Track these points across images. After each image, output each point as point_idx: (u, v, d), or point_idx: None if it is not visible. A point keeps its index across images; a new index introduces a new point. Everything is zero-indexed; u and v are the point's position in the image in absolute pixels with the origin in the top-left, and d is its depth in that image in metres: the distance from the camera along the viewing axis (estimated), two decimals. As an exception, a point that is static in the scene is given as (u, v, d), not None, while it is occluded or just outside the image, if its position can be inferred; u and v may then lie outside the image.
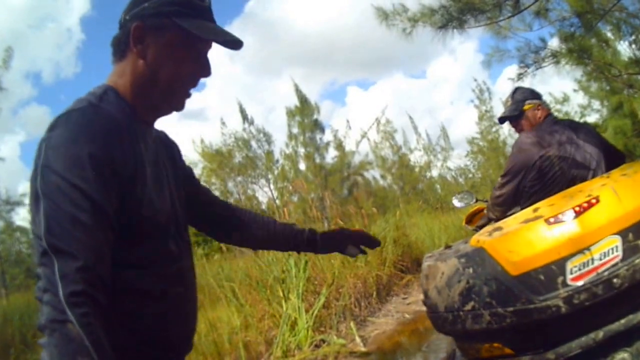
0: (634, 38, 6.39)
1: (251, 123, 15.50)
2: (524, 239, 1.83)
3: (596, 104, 11.29)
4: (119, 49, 1.06)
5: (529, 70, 5.19)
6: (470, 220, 3.06)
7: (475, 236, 2.02)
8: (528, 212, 1.96)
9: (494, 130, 15.15)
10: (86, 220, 0.86)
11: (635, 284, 1.69)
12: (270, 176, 15.51)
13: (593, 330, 1.74)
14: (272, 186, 15.33)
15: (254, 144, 15.55)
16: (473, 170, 16.19)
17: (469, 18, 4.38)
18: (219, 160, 15.78)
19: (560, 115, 10.60)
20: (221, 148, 15.89)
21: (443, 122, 17.28)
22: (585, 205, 1.79)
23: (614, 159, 2.38)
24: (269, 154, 15.46)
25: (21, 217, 14.54)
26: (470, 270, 1.89)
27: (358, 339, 4.47)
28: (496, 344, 1.89)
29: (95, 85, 1.05)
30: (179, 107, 1.10)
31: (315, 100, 17.53)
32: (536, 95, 2.66)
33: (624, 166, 2.19)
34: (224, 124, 15.83)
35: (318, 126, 15.13)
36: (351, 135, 16.34)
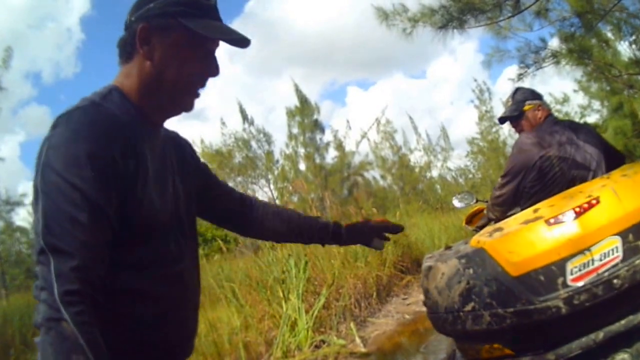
0: (634, 38, 6.40)
1: (251, 123, 15.49)
2: (524, 239, 1.83)
3: (596, 105, 11.29)
4: (125, 50, 1.05)
5: (529, 71, 5.20)
6: (470, 220, 3.06)
7: (475, 237, 2.02)
8: (528, 213, 1.96)
9: (494, 130, 15.15)
10: (84, 220, 0.86)
11: (635, 284, 1.69)
12: (270, 176, 15.51)
13: (593, 331, 1.74)
14: (272, 186, 15.32)
15: (254, 144, 15.55)
16: (473, 171, 16.18)
17: (469, 18, 4.38)
18: (219, 161, 15.76)
19: (560, 116, 10.60)
20: (221, 148, 15.88)
21: (443, 123, 17.27)
22: (586, 206, 1.79)
23: (614, 160, 2.38)
24: (269, 154, 15.45)
25: (21, 218, 14.57)
26: (471, 271, 1.89)
27: (358, 340, 4.47)
28: (496, 345, 1.89)
29: (94, 85, 1.06)
30: (187, 108, 1.09)
31: (315, 101, 17.56)
32: (537, 96, 2.66)
33: (624, 167, 2.19)
34: (224, 124, 15.83)
35: (318, 126, 15.13)
36: (351, 136, 16.36)
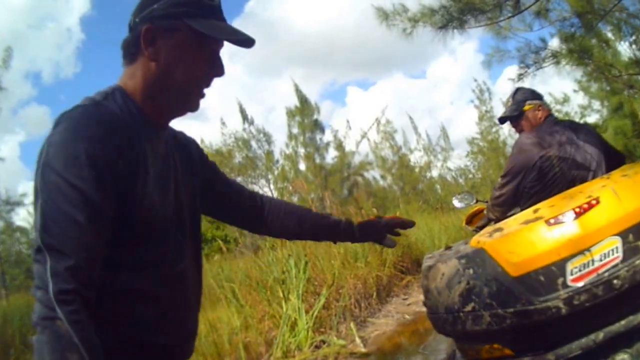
0: (634, 38, 6.39)
1: (251, 123, 15.48)
2: (524, 240, 1.83)
3: (596, 105, 11.28)
4: (129, 51, 1.05)
5: (529, 71, 5.19)
6: (470, 220, 3.05)
7: (475, 237, 2.02)
8: (528, 213, 1.96)
9: (494, 130, 15.15)
10: (82, 219, 0.86)
11: (635, 285, 1.69)
12: (270, 176, 15.50)
13: (593, 331, 1.73)
14: (272, 186, 15.30)
15: (254, 144, 15.54)
16: (473, 171, 16.18)
17: (469, 18, 4.38)
18: (219, 161, 15.74)
19: (560, 116, 10.59)
20: (221, 148, 15.87)
21: (443, 123, 17.25)
22: (586, 206, 1.79)
23: (614, 160, 2.38)
24: (269, 154, 15.44)
25: (21, 218, 14.56)
26: (471, 271, 1.89)
27: (358, 340, 4.46)
28: (496, 345, 1.89)
29: (94, 85, 1.06)
30: (193, 108, 1.09)
31: (315, 101, 17.54)
32: (537, 96, 2.66)
33: (624, 167, 2.19)
34: (224, 124, 15.82)
35: (318, 126, 15.13)
36: (351, 136, 16.32)
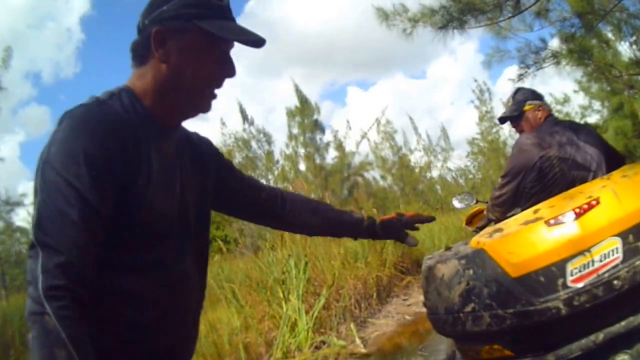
0: (634, 39, 6.39)
1: (251, 123, 15.46)
2: (524, 240, 1.83)
3: (597, 105, 11.27)
4: (138, 53, 1.04)
5: (529, 71, 5.17)
6: (470, 221, 3.05)
7: (475, 237, 2.02)
8: (528, 214, 1.96)
9: (494, 131, 15.13)
10: (76, 217, 0.86)
11: (635, 285, 1.68)
12: (270, 177, 15.47)
13: (593, 332, 1.73)
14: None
15: (254, 144, 15.52)
16: (473, 171, 16.17)
17: (469, 18, 4.37)
18: (219, 161, 15.70)
19: (560, 116, 10.59)
20: (221, 148, 15.69)
21: (443, 123, 17.19)
22: (586, 206, 1.79)
23: (614, 161, 2.38)
24: (269, 154, 15.43)
25: (21, 218, 14.49)
26: (471, 271, 1.88)
27: (358, 341, 4.46)
28: (496, 346, 1.89)
29: (94, 85, 1.06)
30: (205, 109, 1.08)
31: (315, 101, 17.52)
32: (537, 96, 2.66)
33: (624, 167, 2.18)
34: (224, 124, 15.78)
35: (318, 126, 15.10)
36: (351, 136, 16.28)
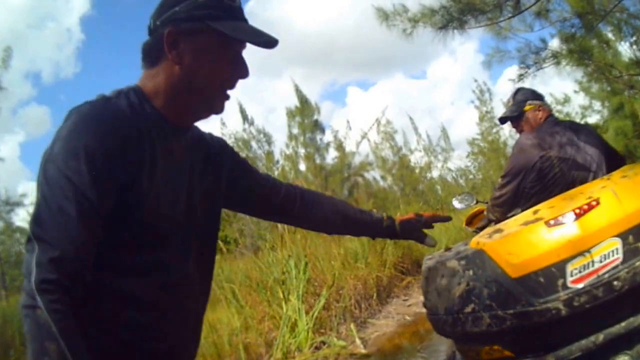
0: (635, 39, 6.38)
1: (251, 123, 15.43)
2: (524, 241, 1.83)
3: (597, 105, 11.24)
4: (150, 55, 1.04)
5: (529, 71, 5.16)
6: (470, 221, 3.05)
7: (475, 238, 2.01)
8: (528, 214, 1.96)
9: (494, 131, 15.11)
10: (73, 213, 0.86)
11: (635, 286, 1.68)
12: (270, 177, 15.45)
13: (593, 333, 1.73)
14: (273, 187, 15.23)
15: (254, 144, 15.49)
16: (474, 172, 16.15)
17: (469, 19, 4.36)
18: (219, 161, 15.68)
19: (561, 116, 10.58)
20: (221, 149, 15.82)
21: (443, 123, 17.20)
22: (586, 207, 1.78)
23: (614, 161, 2.37)
24: (269, 154, 15.41)
25: (21, 218, 14.47)
26: (470, 272, 1.88)
27: (358, 341, 4.46)
28: (496, 347, 1.89)
29: (94, 85, 1.06)
30: (218, 110, 1.08)
31: (315, 101, 17.48)
32: (537, 96, 2.65)
33: (624, 168, 2.18)
34: (224, 124, 15.74)
35: (318, 127, 15.09)
36: (351, 136, 16.28)
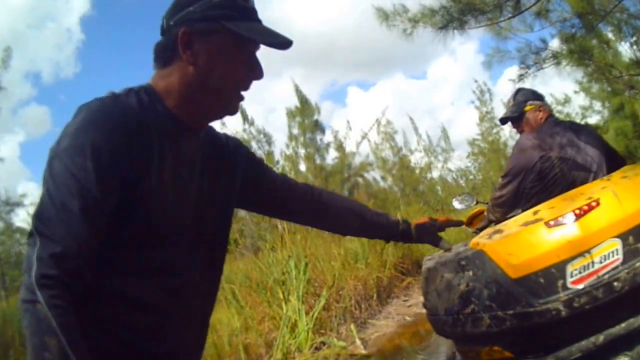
0: (635, 39, 6.38)
1: (251, 124, 15.40)
2: (524, 241, 1.82)
3: (597, 105, 11.23)
4: (163, 55, 1.03)
5: (529, 71, 5.16)
6: (470, 222, 3.04)
7: (475, 239, 2.01)
8: (528, 215, 1.95)
9: (494, 131, 15.10)
10: (76, 209, 0.86)
11: (635, 287, 1.67)
12: (270, 177, 15.43)
13: (593, 333, 1.72)
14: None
15: (254, 144, 15.46)
16: (474, 172, 16.14)
17: (469, 19, 4.36)
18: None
19: (561, 117, 10.57)
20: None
21: (443, 123, 17.20)
22: (586, 208, 1.78)
23: (614, 162, 2.37)
24: (269, 154, 15.38)
25: (21, 219, 14.47)
26: (470, 273, 1.88)
27: (358, 342, 4.46)
28: (496, 347, 1.88)
29: (94, 85, 1.06)
30: (233, 111, 1.07)
31: (315, 101, 17.44)
32: (538, 97, 2.65)
33: (624, 168, 2.18)
34: (224, 124, 15.62)
35: (318, 127, 15.07)
36: (351, 136, 16.29)
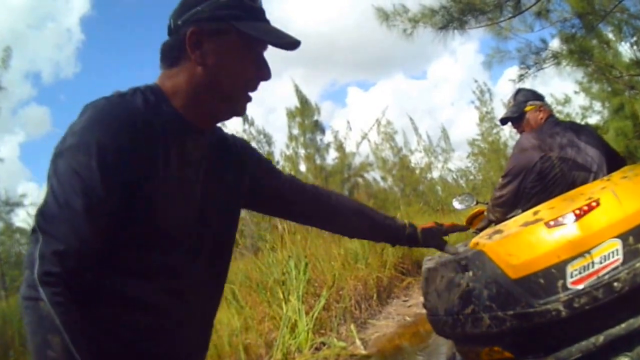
0: (635, 39, 6.38)
1: (251, 124, 15.42)
2: (524, 242, 1.82)
3: (597, 106, 11.22)
4: (170, 55, 1.02)
5: (529, 72, 5.16)
6: (470, 222, 3.04)
7: (474, 239, 2.01)
8: (528, 215, 1.95)
9: (494, 131, 15.10)
10: (79, 207, 0.86)
11: (635, 287, 1.67)
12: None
13: (593, 334, 1.72)
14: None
15: (254, 145, 15.48)
16: (474, 172, 16.13)
17: (469, 19, 4.36)
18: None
19: (561, 117, 10.57)
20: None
21: (443, 123, 17.21)
22: (586, 208, 1.78)
23: (615, 162, 2.37)
24: (270, 155, 15.36)
25: (21, 219, 14.46)
26: (470, 273, 1.88)
27: (358, 342, 4.46)
28: (496, 348, 1.88)
29: (94, 85, 1.06)
30: (241, 112, 1.06)
31: (315, 101, 17.44)
32: (538, 97, 2.65)
33: (624, 169, 2.18)
34: (224, 124, 15.80)
35: (318, 127, 15.07)
36: (352, 137, 16.27)
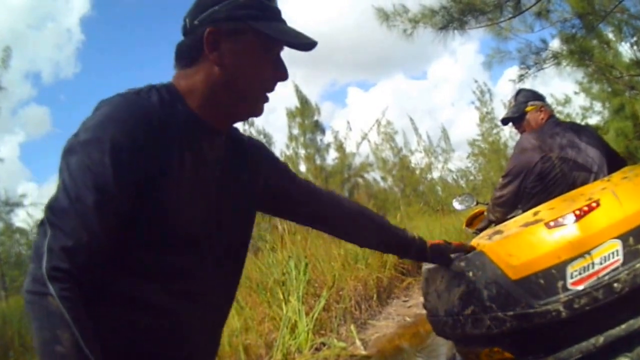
0: (635, 39, 6.39)
1: (251, 124, 15.44)
2: (524, 242, 1.82)
3: (598, 106, 11.22)
4: (186, 55, 1.01)
5: (530, 72, 5.17)
6: (470, 223, 3.04)
7: (475, 239, 2.01)
8: (528, 216, 1.95)
9: (495, 132, 15.10)
10: (90, 203, 0.85)
11: (636, 288, 1.67)
12: (271, 178, 15.41)
13: (593, 335, 1.72)
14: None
15: (254, 145, 15.48)
16: (474, 173, 16.13)
17: (469, 19, 4.37)
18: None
19: (561, 117, 10.57)
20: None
21: (444, 124, 17.25)
22: (586, 208, 1.78)
23: (615, 163, 2.37)
24: (270, 155, 15.39)
25: (21, 219, 14.45)
26: (470, 274, 1.87)
27: (358, 342, 4.45)
28: (496, 349, 1.88)
29: (94, 85, 1.05)
30: (257, 113, 1.06)
31: (315, 102, 17.42)
32: (539, 97, 2.66)
33: (625, 169, 2.18)
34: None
35: (318, 127, 15.05)
36: (352, 137, 16.27)
